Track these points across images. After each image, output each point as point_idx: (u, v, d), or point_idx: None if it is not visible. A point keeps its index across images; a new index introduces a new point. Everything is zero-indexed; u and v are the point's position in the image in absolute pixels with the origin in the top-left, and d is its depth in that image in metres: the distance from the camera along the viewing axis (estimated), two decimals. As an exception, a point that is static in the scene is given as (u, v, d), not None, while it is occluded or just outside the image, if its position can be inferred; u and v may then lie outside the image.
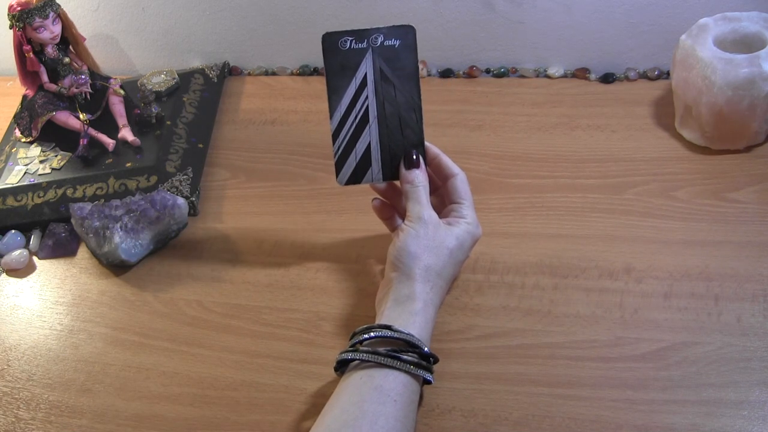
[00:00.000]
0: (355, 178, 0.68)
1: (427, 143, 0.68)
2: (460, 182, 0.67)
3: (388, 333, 0.57)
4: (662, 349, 0.61)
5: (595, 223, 0.73)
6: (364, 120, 0.67)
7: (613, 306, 0.65)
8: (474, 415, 0.59)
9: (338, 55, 0.66)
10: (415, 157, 0.66)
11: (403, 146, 0.67)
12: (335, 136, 0.67)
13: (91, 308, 0.74)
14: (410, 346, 0.57)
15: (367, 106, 0.66)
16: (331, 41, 0.66)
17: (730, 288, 0.65)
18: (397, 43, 0.67)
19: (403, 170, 0.66)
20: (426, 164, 0.67)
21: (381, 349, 0.56)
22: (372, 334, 0.58)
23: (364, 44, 0.67)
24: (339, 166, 0.68)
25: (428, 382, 0.59)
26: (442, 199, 0.69)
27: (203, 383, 0.65)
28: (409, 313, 0.59)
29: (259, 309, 0.71)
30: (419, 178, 0.66)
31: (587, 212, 0.74)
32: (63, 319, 0.73)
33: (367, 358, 0.56)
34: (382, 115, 0.67)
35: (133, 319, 0.72)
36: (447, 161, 0.68)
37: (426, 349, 0.57)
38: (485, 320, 0.66)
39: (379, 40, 0.67)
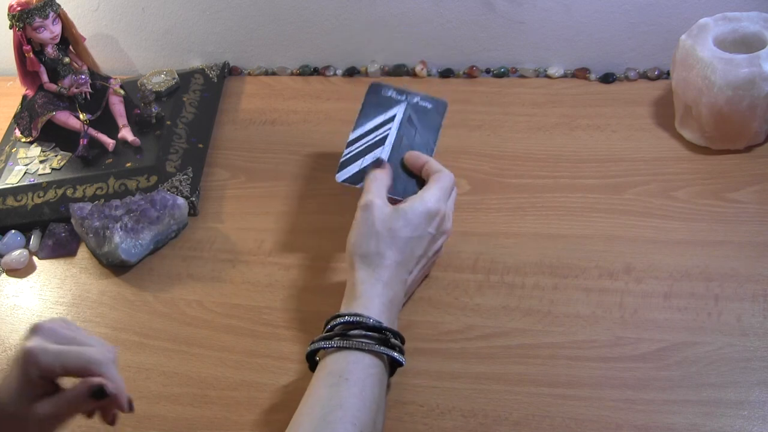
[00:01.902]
0: (353, 180, 0.71)
1: (415, 152, 0.71)
2: (439, 175, 0.67)
3: (336, 321, 0.59)
4: (662, 349, 0.61)
5: (595, 223, 0.73)
6: (381, 142, 0.72)
7: (613, 306, 0.65)
8: (474, 415, 0.59)
9: (378, 97, 0.76)
10: (382, 161, 0.70)
11: (404, 176, 0.71)
12: (350, 144, 0.72)
13: (91, 308, 0.74)
14: (354, 325, 0.58)
15: (387, 135, 0.73)
16: (376, 87, 0.76)
17: (730, 288, 0.65)
18: (430, 106, 0.76)
19: (368, 171, 0.69)
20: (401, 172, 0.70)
21: (325, 335, 0.58)
22: (328, 326, 0.59)
23: (403, 98, 0.76)
24: (343, 166, 0.71)
25: (394, 360, 0.58)
26: None
27: (203, 383, 0.65)
28: (354, 298, 0.61)
29: (259, 309, 0.71)
30: (376, 172, 0.68)
31: (587, 212, 0.74)
32: (63, 319, 0.73)
33: (314, 347, 0.58)
34: (398, 145, 0.72)
35: (133, 319, 0.72)
36: (434, 163, 0.69)
37: (370, 321, 0.58)
38: (485, 320, 0.66)
39: (416, 99, 0.76)
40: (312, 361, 0.60)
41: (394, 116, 0.74)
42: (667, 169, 0.77)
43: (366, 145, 0.72)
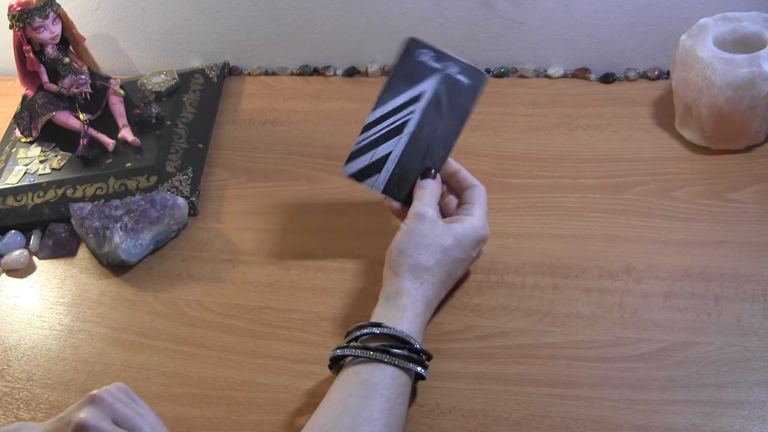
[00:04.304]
0: (361, 175, 0.68)
1: (449, 158, 0.69)
2: (477, 190, 0.68)
3: (377, 330, 0.58)
4: (662, 349, 0.61)
5: (595, 223, 0.73)
6: (398, 130, 0.68)
7: (613, 306, 0.65)
8: (474, 415, 0.59)
9: (412, 62, 0.68)
10: (432, 171, 0.68)
11: (416, 173, 0.68)
12: (366, 128, 0.68)
13: (91, 308, 0.74)
14: (400, 341, 0.58)
15: (408, 120, 0.67)
16: (413, 46, 0.68)
17: (730, 288, 0.65)
18: (467, 82, 0.68)
19: (418, 180, 0.68)
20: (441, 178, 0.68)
21: (371, 345, 0.57)
22: (363, 331, 0.58)
23: (439, 65, 0.68)
24: (352, 157, 0.69)
25: (421, 377, 0.59)
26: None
27: (203, 383, 0.65)
28: (396, 309, 0.60)
29: (259, 309, 0.71)
30: (429, 182, 0.67)
31: (587, 212, 0.74)
32: (63, 319, 0.73)
33: (356, 354, 0.57)
34: (416, 136, 0.68)
35: (133, 319, 0.72)
36: (467, 174, 0.69)
37: (417, 344, 0.58)
38: (485, 320, 0.66)
39: (454, 69, 0.68)
40: (336, 360, 0.60)
41: (421, 95, 0.68)
42: (667, 169, 0.77)
43: (382, 132, 0.68)
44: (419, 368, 0.58)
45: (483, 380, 0.62)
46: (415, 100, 0.68)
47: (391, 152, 0.68)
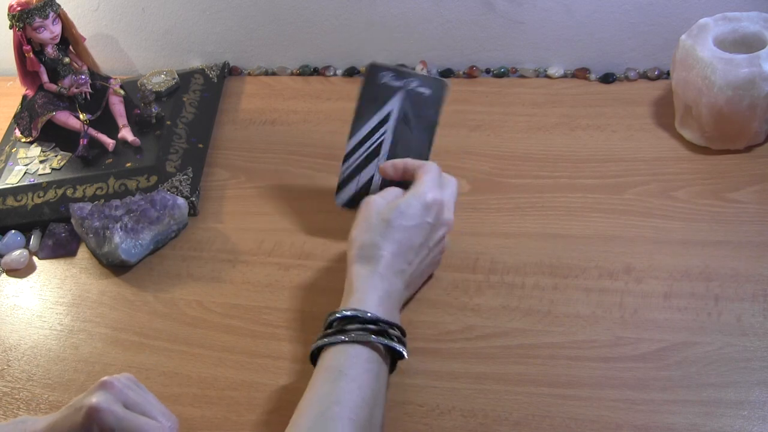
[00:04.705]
0: (352, 203, 0.72)
1: (389, 162, 0.70)
2: (425, 166, 0.67)
3: (331, 318, 0.59)
4: (662, 349, 0.61)
5: (595, 223, 0.73)
6: (375, 152, 0.72)
7: (613, 306, 0.65)
8: (474, 415, 0.59)
9: (375, 86, 0.72)
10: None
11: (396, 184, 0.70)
12: (347, 158, 0.72)
13: (91, 308, 0.74)
14: (351, 318, 0.58)
15: (382, 141, 0.71)
16: (374, 71, 0.72)
17: (730, 288, 0.65)
18: (428, 92, 0.71)
19: None
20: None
21: (328, 331, 0.58)
22: (327, 323, 0.59)
23: (401, 83, 0.71)
24: (341, 186, 0.73)
25: (394, 351, 0.58)
26: None
27: (203, 383, 0.65)
28: (350, 294, 0.61)
29: (259, 309, 0.71)
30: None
31: (587, 212, 0.74)
32: (63, 319, 0.73)
33: (319, 345, 0.58)
34: (392, 154, 0.71)
35: (133, 319, 0.72)
36: (413, 161, 0.69)
37: (367, 314, 0.58)
38: (485, 320, 0.66)
39: (413, 84, 0.71)
40: (315, 359, 0.60)
41: (389, 114, 0.72)
42: (667, 169, 0.77)
43: (362, 158, 0.72)
44: (374, 336, 0.57)
45: (483, 380, 0.62)
46: (384, 121, 0.72)
47: (373, 175, 0.72)
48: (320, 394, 0.54)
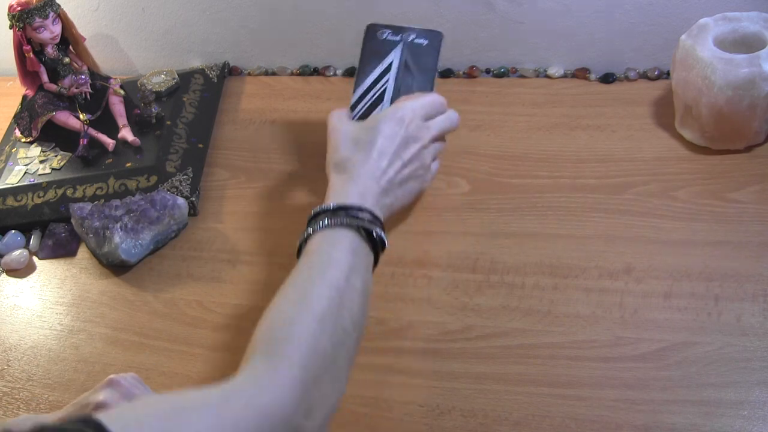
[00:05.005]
0: None
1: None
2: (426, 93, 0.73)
3: (310, 215, 0.62)
4: (662, 349, 0.62)
5: (595, 223, 0.73)
6: (380, 99, 0.75)
7: (613, 306, 0.65)
8: (474, 415, 0.59)
9: (374, 42, 0.77)
10: None
11: None
12: (352, 108, 0.75)
13: (91, 308, 0.74)
14: (320, 214, 0.62)
15: (386, 89, 0.75)
16: (372, 30, 0.77)
17: (730, 288, 0.65)
18: (425, 42, 0.76)
19: None
20: None
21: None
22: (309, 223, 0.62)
23: (398, 38, 0.77)
24: None
25: (366, 230, 0.60)
26: None
27: (203, 383, 0.65)
28: (327, 198, 0.65)
29: (260, 309, 0.70)
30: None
31: (587, 212, 0.74)
32: (63, 319, 0.73)
33: (299, 245, 0.61)
34: (396, 98, 0.74)
35: (133, 319, 0.72)
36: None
37: (331, 204, 0.61)
38: (485, 320, 0.66)
39: (411, 36, 0.76)
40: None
41: (390, 64, 0.76)
42: (667, 169, 0.77)
43: (366, 105, 0.75)
44: (342, 218, 0.59)
45: (483, 380, 0.62)
46: (386, 71, 0.76)
47: None
48: (297, 281, 0.57)
